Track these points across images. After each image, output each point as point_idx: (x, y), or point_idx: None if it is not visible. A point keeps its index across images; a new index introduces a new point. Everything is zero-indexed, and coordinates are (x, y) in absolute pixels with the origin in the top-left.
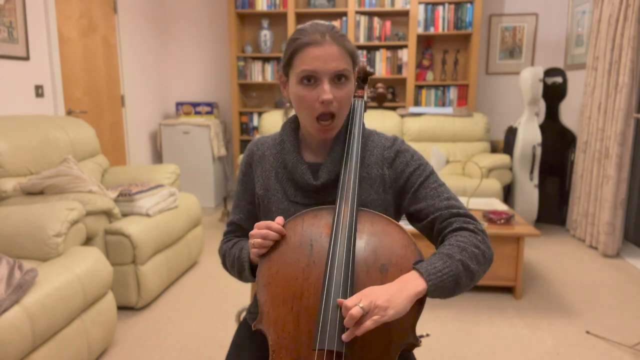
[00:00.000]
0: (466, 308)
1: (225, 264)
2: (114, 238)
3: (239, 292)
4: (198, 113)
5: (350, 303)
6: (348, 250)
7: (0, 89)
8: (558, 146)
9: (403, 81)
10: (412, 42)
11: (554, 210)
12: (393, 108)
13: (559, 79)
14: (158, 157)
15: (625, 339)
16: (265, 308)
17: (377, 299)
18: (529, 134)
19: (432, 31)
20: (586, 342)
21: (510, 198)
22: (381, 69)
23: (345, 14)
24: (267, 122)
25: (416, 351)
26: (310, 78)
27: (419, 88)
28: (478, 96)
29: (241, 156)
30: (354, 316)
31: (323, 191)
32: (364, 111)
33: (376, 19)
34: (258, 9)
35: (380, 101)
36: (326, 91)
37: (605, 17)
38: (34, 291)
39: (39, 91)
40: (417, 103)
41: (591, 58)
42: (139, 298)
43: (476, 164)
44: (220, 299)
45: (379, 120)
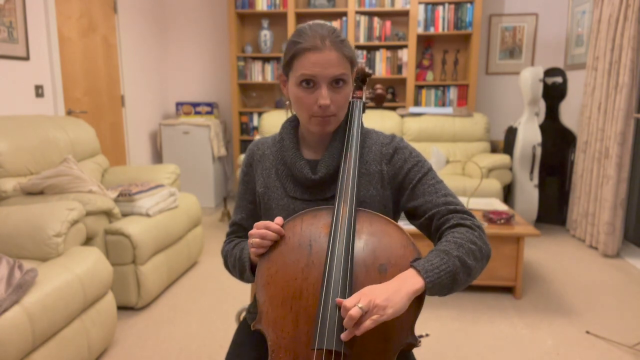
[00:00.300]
0: (466, 308)
1: (227, 265)
2: (114, 238)
3: (239, 292)
4: (198, 113)
5: (349, 303)
6: (347, 250)
7: (0, 89)
8: (558, 146)
9: (403, 81)
10: (412, 42)
11: (554, 210)
12: (393, 108)
13: (559, 79)
14: (158, 157)
15: (625, 339)
16: (264, 308)
17: (376, 298)
18: (529, 134)
19: (432, 31)
20: (586, 342)
21: (510, 198)
22: (381, 69)
23: (345, 14)
24: (267, 122)
25: (416, 351)
26: (309, 81)
27: (419, 88)
28: (478, 96)
29: (241, 156)
30: (353, 317)
31: (322, 186)
32: (363, 112)
33: (376, 19)
34: (258, 9)
35: (379, 102)
36: (324, 96)
37: (605, 17)
38: (34, 291)
39: (39, 91)
40: (417, 103)
41: (591, 58)
42: (139, 298)
43: (476, 164)
44: (220, 299)
45: (379, 120)
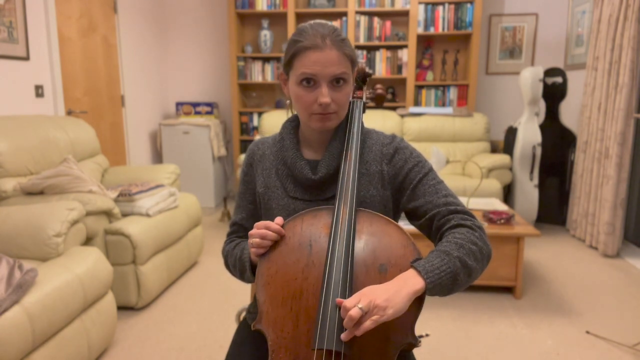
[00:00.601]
0: (466, 308)
1: (227, 265)
2: (114, 238)
3: (239, 292)
4: (198, 113)
5: (349, 304)
6: (347, 250)
7: (0, 89)
8: (558, 146)
9: (403, 81)
10: (412, 42)
11: (554, 210)
12: (393, 108)
13: (559, 79)
14: (158, 157)
15: (625, 339)
16: (264, 308)
17: (376, 299)
18: (529, 134)
19: (432, 31)
20: (586, 342)
21: (510, 198)
22: (381, 69)
23: (345, 14)
24: (267, 122)
25: (416, 351)
26: (309, 80)
27: (419, 88)
28: (478, 96)
29: (241, 156)
30: (353, 317)
31: (322, 186)
32: (363, 112)
33: (376, 19)
34: (258, 9)
35: (379, 102)
36: (324, 95)
37: (605, 17)
38: (34, 291)
39: (39, 91)
40: (417, 103)
41: (591, 58)
42: (139, 298)
43: (476, 164)
44: (220, 299)
45: (379, 120)
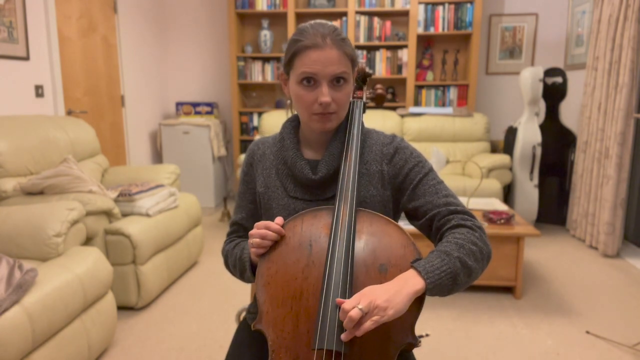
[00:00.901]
0: (466, 308)
1: (227, 265)
2: (114, 238)
3: (239, 292)
4: (198, 113)
5: (348, 305)
6: (347, 250)
7: (0, 89)
8: (558, 146)
9: (403, 81)
10: (412, 42)
11: (554, 210)
12: (393, 108)
13: (559, 79)
14: (158, 157)
15: (625, 339)
16: (264, 308)
17: (377, 299)
18: (529, 134)
19: (432, 31)
20: (586, 342)
21: (510, 198)
22: (381, 69)
23: (345, 14)
24: (267, 122)
25: (416, 351)
26: (310, 79)
27: (419, 88)
28: (478, 96)
29: (241, 156)
30: (353, 318)
31: (322, 186)
32: (363, 112)
33: (376, 19)
34: (258, 9)
35: (379, 102)
36: (324, 94)
37: (605, 17)
38: (34, 291)
39: (39, 91)
40: (417, 103)
41: (591, 58)
42: (139, 298)
43: (476, 164)
44: (220, 299)
45: (379, 120)
